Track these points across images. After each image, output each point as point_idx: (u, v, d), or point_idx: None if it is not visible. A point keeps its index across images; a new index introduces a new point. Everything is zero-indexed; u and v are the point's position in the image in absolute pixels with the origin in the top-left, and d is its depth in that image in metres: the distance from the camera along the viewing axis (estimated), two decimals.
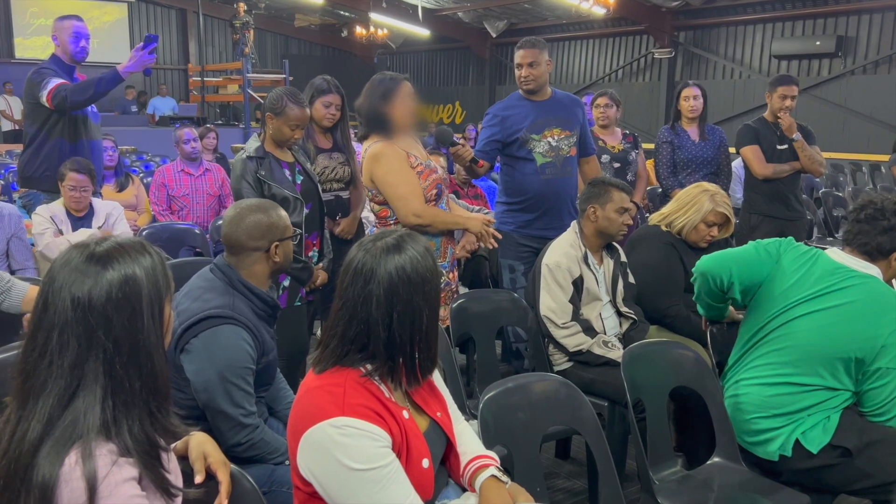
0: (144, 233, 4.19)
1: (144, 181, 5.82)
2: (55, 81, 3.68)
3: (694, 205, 3.06)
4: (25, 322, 2.06)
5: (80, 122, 3.90)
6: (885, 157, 9.71)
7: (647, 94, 14.65)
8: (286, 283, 3.01)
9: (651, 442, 2.30)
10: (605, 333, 2.89)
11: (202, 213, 5.04)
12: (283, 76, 13.23)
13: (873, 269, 2.26)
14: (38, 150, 3.81)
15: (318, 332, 4.52)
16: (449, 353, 2.65)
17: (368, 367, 1.45)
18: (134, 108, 15.28)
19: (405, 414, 1.49)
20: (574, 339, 2.80)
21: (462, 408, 2.24)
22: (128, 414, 1.16)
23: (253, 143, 3.07)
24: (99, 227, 3.78)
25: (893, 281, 2.90)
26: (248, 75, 13.11)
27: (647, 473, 2.17)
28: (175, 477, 1.28)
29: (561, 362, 2.89)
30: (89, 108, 3.94)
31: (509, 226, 3.66)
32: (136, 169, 7.93)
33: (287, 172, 3.09)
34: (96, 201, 3.90)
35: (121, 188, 5.21)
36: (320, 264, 3.22)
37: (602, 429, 2.76)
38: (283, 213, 2.14)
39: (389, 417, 1.43)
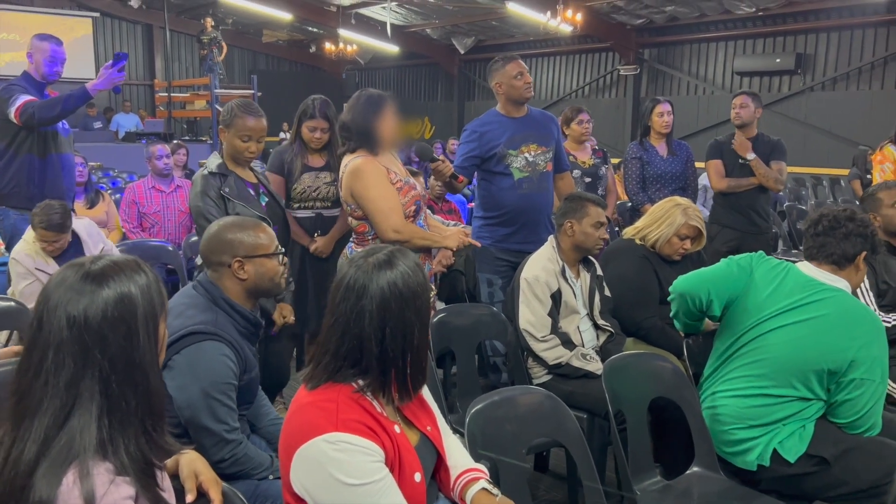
0: (116, 250, 4.14)
1: (112, 198, 5.75)
2: (23, 98, 3.65)
3: (667, 218, 3.12)
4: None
5: (49, 137, 3.86)
6: (845, 172, 9.99)
7: (614, 110, 14.87)
8: None
9: (632, 452, 2.33)
10: (583, 346, 2.93)
11: (174, 230, 4.99)
12: (252, 91, 13.17)
13: (841, 282, 2.34)
14: (7, 166, 3.76)
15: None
16: (430, 368, 2.66)
17: (360, 382, 1.46)
18: (98, 125, 15.07)
19: (396, 428, 1.50)
20: (553, 353, 2.84)
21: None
22: (124, 433, 1.16)
23: (214, 160, 3.03)
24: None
25: (859, 290, 3.01)
26: (216, 91, 13.03)
27: (630, 484, 2.19)
28: (169, 495, 1.27)
29: (540, 375, 2.92)
30: (59, 123, 3.90)
31: (487, 240, 3.69)
32: (104, 185, 7.83)
33: (251, 192, 3.08)
34: (77, 225, 3.69)
35: (91, 205, 5.14)
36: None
37: None
38: (262, 233, 2.10)
39: (382, 432, 1.44)
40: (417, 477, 1.49)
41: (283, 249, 2.18)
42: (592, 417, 2.74)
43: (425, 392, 1.73)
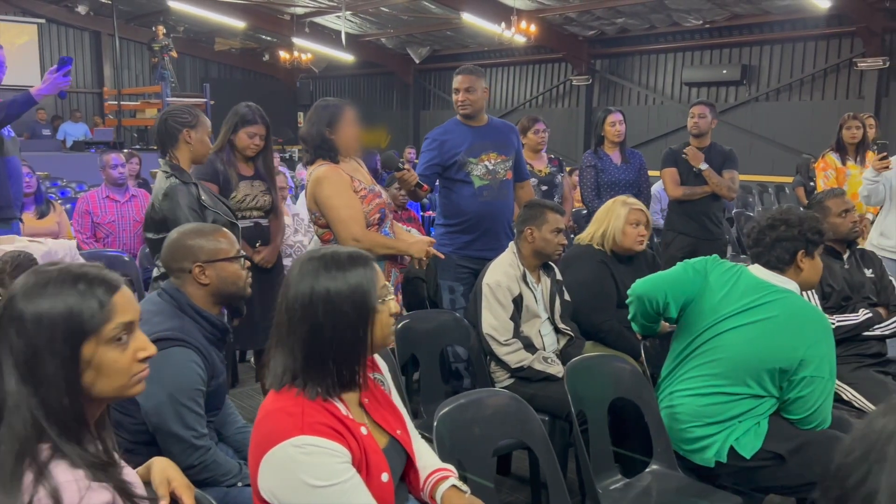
0: (68, 262, 4.06)
1: (63, 207, 5.63)
2: None
3: (610, 214, 3.26)
4: None
5: None
6: (789, 179, 10.32)
7: (567, 119, 15.09)
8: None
9: (593, 452, 2.39)
10: (544, 350, 2.99)
11: (129, 241, 4.92)
12: (204, 100, 13.02)
13: (790, 284, 2.44)
14: None
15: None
16: (396, 374, 2.69)
17: (317, 386, 1.48)
18: (47, 132, 14.70)
19: (363, 430, 1.52)
20: (516, 356, 2.89)
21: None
22: (66, 444, 1.15)
23: (174, 170, 2.96)
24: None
25: (810, 293, 3.13)
26: (167, 99, 12.85)
27: (592, 483, 2.25)
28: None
29: (503, 379, 2.97)
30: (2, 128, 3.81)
31: (448, 247, 3.73)
32: (53, 195, 7.65)
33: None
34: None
35: (41, 215, 5.02)
36: None
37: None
38: (221, 238, 2.11)
39: (348, 434, 1.46)
40: (385, 477, 1.51)
41: (245, 253, 2.18)
42: (554, 420, 2.79)
43: (396, 397, 1.76)
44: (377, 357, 1.79)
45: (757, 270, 2.49)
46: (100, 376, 1.21)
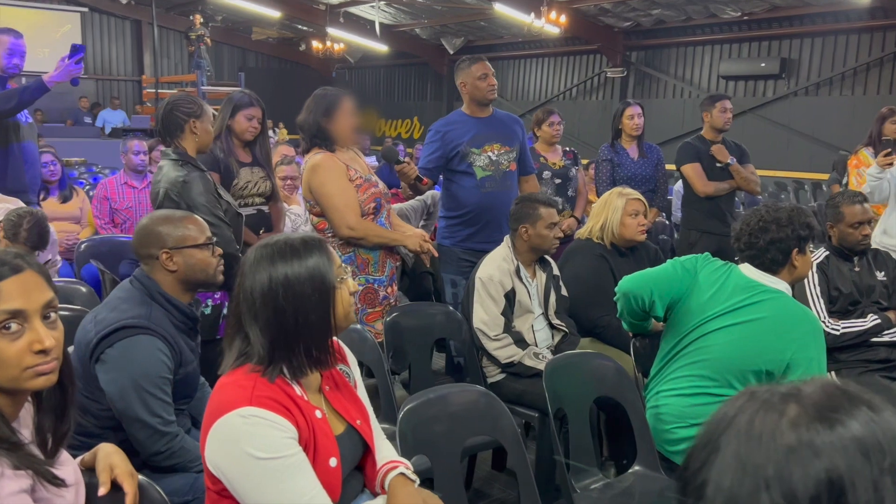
0: (83, 245, 4.14)
1: (91, 193, 5.74)
2: None
3: (607, 206, 3.21)
4: None
5: (10, 127, 3.85)
6: (826, 176, 10.05)
7: (601, 112, 14.90)
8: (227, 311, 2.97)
9: (574, 451, 2.36)
10: (536, 345, 2.95)
11: None
12: (239, 89, 13.16)
13: (782, 284, 2.37)
14: None
15: None
16: (382, 367, 2.68)
17: (275, 367, 1.48)
18: (88, 120, 15.04)
19: (318, 413, 1.52)
20: (505, 351, 2.86)
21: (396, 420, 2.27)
22: None
23: (186, 158, 2.94)
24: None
25: (810, 298, 3.04)
26: (203, 88, 13.01)
27: (567, 482, 2.22)
28: (73, 489, 1.28)
29: (494, 374, 2.94)
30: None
31: (450, 240, 3.72)
32: (84, 181, 7.81)
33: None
34: None
35: (64, 200, 5.14)
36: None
37: (527, 439, 2.83)
38: (190, 224, 2.10)
39: (297, 412, 1.46)
40: (333, 462, 1.50)
41: (215, 240, 2.17)
42: (544, 417, 2.76)
43: (362, 393, 1.75)
44: (346, 349, 1.79)
45: (747, 270, 2.42)
46: None
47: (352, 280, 1.61)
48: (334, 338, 1.59)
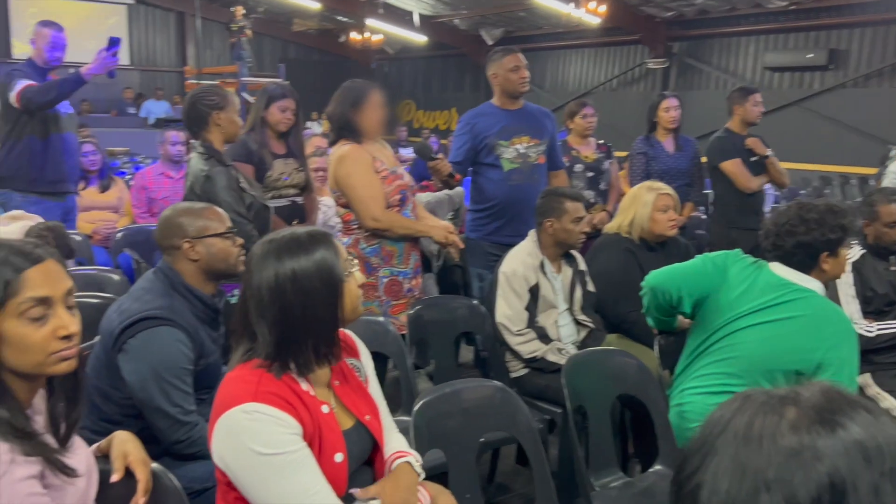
0: (120, 234, 4.23)
1: (132, 183, 5.84)
2: (23, 83, 3.75)
3: (636, 201, 3.15)
4: None
5: (49, 119, 3.95)
6: (874, 171, 9.76)
7: (642, 104, 14.61)
8: None
9: (594, 449, 2.33)
10: (560, 341, 2.93)
11: None
12: (279, 80, 13.28)
13: (814, 283, 2.30)
14: (11, 149, 3.87)
15: None
16: (404, 359, 2.69)
17: (282, 363, 1.49)
18: (132, 110, 15.35)
19: (325, 409, 1.52)
20: (528, 346, 2.84)
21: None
22: None
23: (211, 152, 2.98)
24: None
25: (843, 299, 2.96)
26: (244, 79, 13.15)
27: (585, 479, 2.20)
28: (86, 477, 1.31)
29: (517, 369, 2.93)
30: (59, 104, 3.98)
31: (477, 233, 3.70)
32: (126, 171, 7.97)
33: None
34: None
35: (104, 189, 5.24)
36: None
37: (552, 435, 2.81)
38: (211, 214, 2.14)
39: (302, 408, 1.46)
40: (339, 458, 1.50)
41: (235, 229, 2.20)
42: (566, 413, 2.73)
43: (374, 386, 1.75)
44: (359, 343, 1.79)
45: (778, 268, 2.35)
46: (11, 350, 1.21)
47: (359, 273, 1.60)
48: (344, 331, 1.59)
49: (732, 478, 0.68)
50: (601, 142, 4.86)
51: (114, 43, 3.75)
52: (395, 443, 1.72)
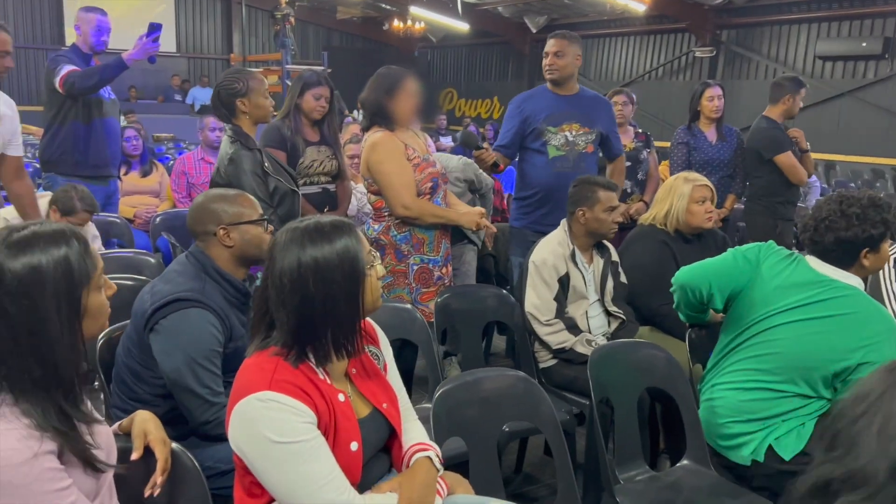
0: (159, 219, 4.31)
1: (164, 168, 5.94)
2: (67, 68, 3.82)
3: (672, 193, 3.08)
4: None
5: (93, 104, 4.02)
6: None
7: (687, 94, 14.36)
8: None
9: (619, 442, 2.30)
10: (589, 332, 2.89)
11: None
12: (322, 68, 13.35)
13: (854, 279, 2.23)
14: (55, 134, 3.95)
15: None
16: (431, 347, 2.68)
17: (300, 352, 1.49)
18: (178, 97, 15.62)
19: (341, 397, 1.52)
20: (557, 337, 2.81)
21: None
22: (29, 399, 1.19)
23: (238, 135, 2.99)
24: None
25: (887, 298, 2.86)
26: (287, 66, 13.26)
27: (608, 472, 2.17)
28: (105, 452, 1.33)
29: (546, 359, 2.90)
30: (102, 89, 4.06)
31: (520, 222, 3.69)
32: (169, 157, 8.11)
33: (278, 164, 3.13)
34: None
35: (144, 175, 5.35)
36: None
37: (581, 427, 2.78)
38: (245, 201, 2.15)
39: (318, 396, 1.46)
40: (354, 446, 1.50)
41: (267, 217, 2.22)
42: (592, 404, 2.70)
43: (393, 377, 1.75)
44: (378, 330, 1.79)
45: (815, 262, 2.28)
46: (90, 321, 1.30)
47: (380, 265, 1.59)
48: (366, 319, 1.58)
49: None
50: (640, 130, 4.79)
51: (154, 29, 3.80)
52: (414, 433, 1.72)
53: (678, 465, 2.33)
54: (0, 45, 3.02)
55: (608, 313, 3.00)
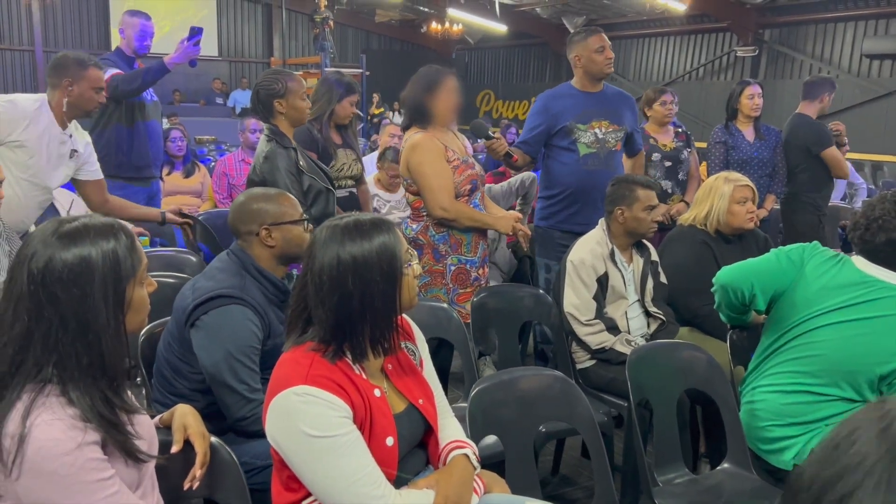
0: (200, 218, 4.36)
1: (206, 168, 6.03)
2: (111, 72, 3.89)
3: (713, 193, 3.04)
4: None
5: (135, 106, 4.10)
6: None
7: (728, 94, 14.19)
8: None
9: (658, 444, 2.27)
10: (629, 333, 2.86)
11: None
12: (360, 71, 13.47)
13: None
14: (98, 136, 4.03)
15: None
16: (467, 347, 2.68)
17: (337, 349, 1.50)
18: (219, 100, 15.89)
19: (377, 392, 1.53)
20: (597, 337, 2.79)
21: None
22: (76, 387, 1.22)
23: (275, 134, 3.01)
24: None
25: None
26: (326, 69, 13.39)
27: (647, 474, 2.14)
28: (147, 444, 1.35)
29: (584, 360, 2.88)
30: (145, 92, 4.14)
31: (547, 222, 3.64)
32: (211, 158, 8.24)
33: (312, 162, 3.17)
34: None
35: (187, 175, 5.45)
36: None
37: (619, 429, 2.75)
38: (286, 201, 2.17)
39: (354, 391, 1.47)
40: (390, 441, 1.51)
41: (308, 216, 2.24)
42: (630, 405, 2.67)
43: (430, 373, 1.75)
44: (413, 326, 1.79)
45: (862, 263, 2.23)
46: (133, 315, 1.32)
47: (417, 264, 1.59)
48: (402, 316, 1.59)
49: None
50: (680, 130, 4.73)
51: (195, 33, 3.86)
52: (450, 430, 1.72)
53: (718, 468, 2.29)
54: (94, 81, 3.08)
55: (648, 314, 2.97)
